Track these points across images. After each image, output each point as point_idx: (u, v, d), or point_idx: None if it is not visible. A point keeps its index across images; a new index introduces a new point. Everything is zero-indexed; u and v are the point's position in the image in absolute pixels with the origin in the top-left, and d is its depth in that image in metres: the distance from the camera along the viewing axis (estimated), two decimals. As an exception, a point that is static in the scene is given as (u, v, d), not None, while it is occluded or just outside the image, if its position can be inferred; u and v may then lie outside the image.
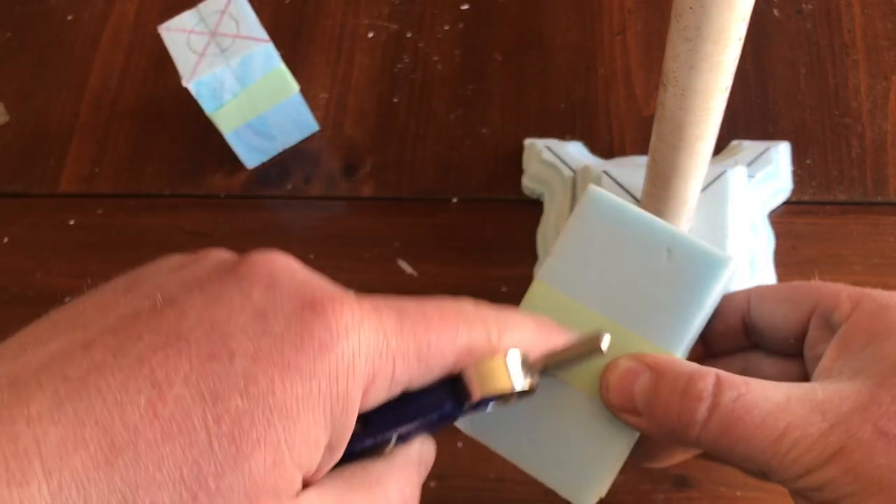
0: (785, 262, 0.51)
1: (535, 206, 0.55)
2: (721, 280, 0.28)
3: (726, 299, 0.29)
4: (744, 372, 0.27)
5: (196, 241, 0.57)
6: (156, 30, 0.53)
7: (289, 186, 0.58)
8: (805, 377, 0.29)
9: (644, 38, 0.60)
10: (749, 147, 0.53)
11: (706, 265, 0.27)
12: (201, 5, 0.53)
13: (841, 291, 0.28)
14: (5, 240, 0.58)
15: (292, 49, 0.62)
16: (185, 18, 0.53)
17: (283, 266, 0.23)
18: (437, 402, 0.24)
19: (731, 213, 0.47)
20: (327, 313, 0.22)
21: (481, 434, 0.29)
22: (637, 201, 0.48)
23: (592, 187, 0.28)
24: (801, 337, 0.29)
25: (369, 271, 0.55)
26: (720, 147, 0.54)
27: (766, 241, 0.51)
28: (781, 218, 0.53)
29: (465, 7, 0.63)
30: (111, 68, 0.64)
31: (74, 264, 0.57)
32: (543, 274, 0.29)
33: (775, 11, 0.59)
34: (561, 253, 0.29)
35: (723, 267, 0.28)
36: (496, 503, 0.46)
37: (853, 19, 0.58)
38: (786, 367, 0.30)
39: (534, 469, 0.29)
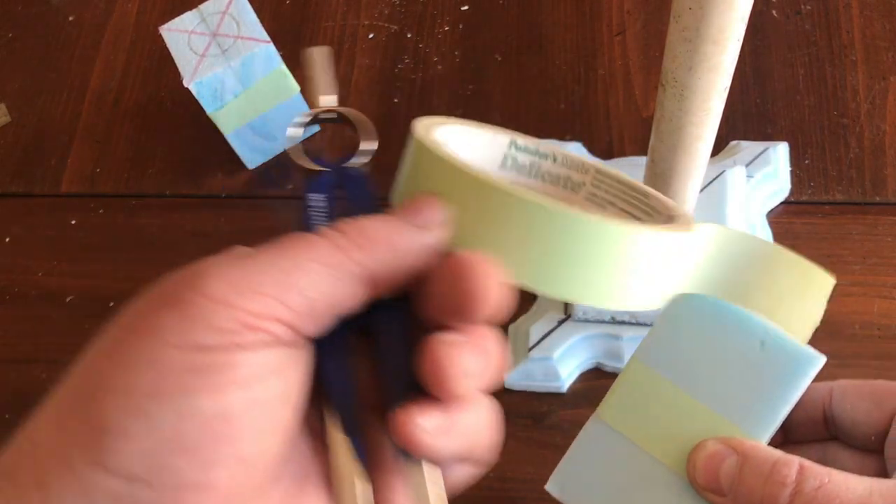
0: (783, 261, 0.51)
1: (534, 207, 0.55)
2: (810, 377, 0.29)
3: (809, 390, 0.30)
4: (821, 461, 0.28)
5: (197, 241, 0.57)
6: (157, 30, 0.53)
7: (290, 186, 0.58)
8: (883, 473, 0.30)
9: (643, 39, 0.60)
10: (748, 147, 0.53)
11: (797, 361, 0.28)
12: (202, 6, 0.53)
13: None
14: (7, 240, 0.59)
15: (293, 50, 0.63)
16: (186, 19, 0.53)
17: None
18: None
19: (730, 213, 0.47)
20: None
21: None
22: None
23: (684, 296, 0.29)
24: (883, 435, 0.30)
25: (370, 271, 0.55)
26: (719, 147, 0.54)
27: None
28: (780, 218, 0.53)
29: (465, 8, 0.63)
30: (112, 69, 0.64)
31: (76, 264, 0.57)
32: (640, 353, 0.30)
33: (774, 12, 0.60)
34: (658, 335, 0.30)
35: (813, 365, 0.29)
36: (497, 501, 0.47)
37: (852, 20, 0.59)
38: (864, 462, 0.31)
39: None
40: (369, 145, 0.33)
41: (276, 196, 0.58)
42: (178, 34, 0.53)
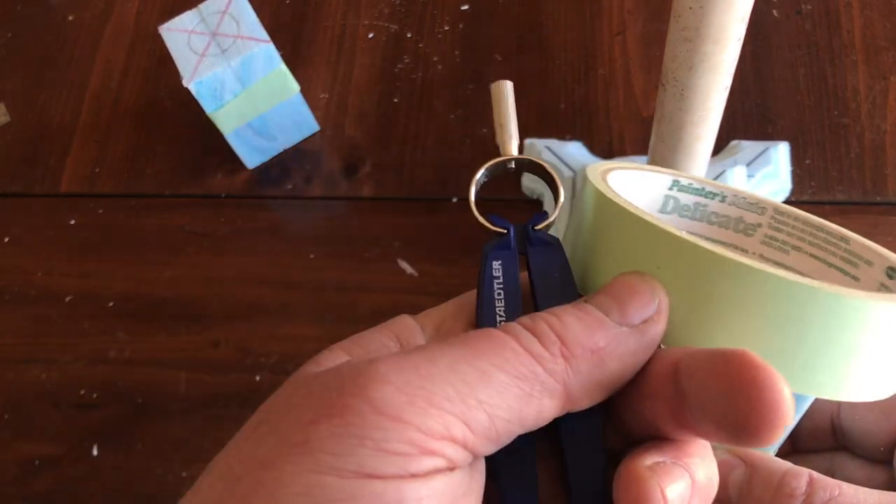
0: (784, 261, 0.51)
1: (534, 206, 0.55)
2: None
3: (818, 401, 0.29)
4: (829, 471, 0.27)
5: (196, 240, 0.57)
6: (156, 30, 0.53)
7: (289, 186, 0.58)
8: (892, 484, 0.30)
9: (644, 39, 0.60)
10: (748, 147, 0.53)
11: None
12: (202, 6, 0.53)
13: None
14: (6, 239, 0.59)
15: (293, 49, 0.63)
16: (186, 19, 0.53)
17: None
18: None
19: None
20: None
21: None
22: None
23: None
24: (892, 445, 0.30)
25: (369, 271, 0.55)
26: (719, 147, 0.54)
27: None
28: (781, 218, 0.53)
29: (465, 7, 0.63)
30: (112, 68, 0.64)
31: (75, 264, 0.57)
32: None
33: (775, 12, 0.60)
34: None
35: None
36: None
37: (852, 20, 0.59)
38: (872, 472, 0.31)
39: None
40: (555, 206, 0.26)
41: (276, 196, 0.58)
42: (178, 34, 0.52)
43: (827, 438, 0.32)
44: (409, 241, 0.55)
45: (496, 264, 0.24)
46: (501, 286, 0.24)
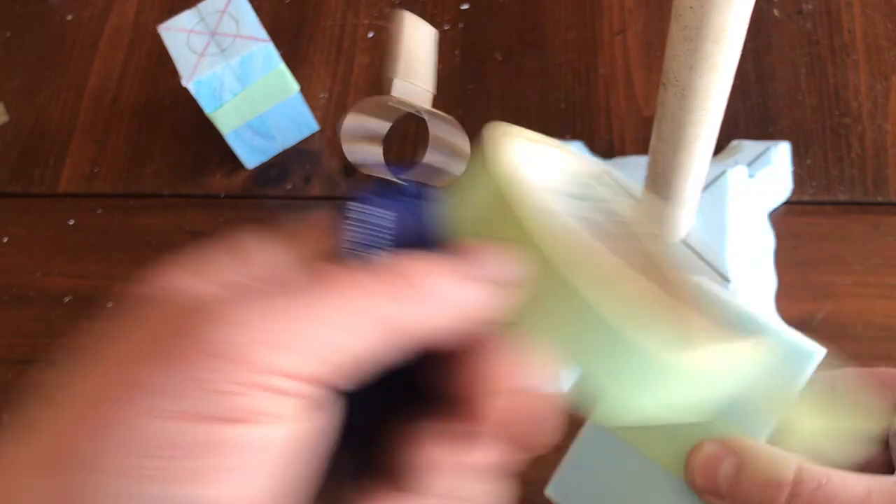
0: (785, 262, 0.51)
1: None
2: (809, 371, 0.28)
3: (812, 381, 0.29)
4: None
5: (195, 240, 0.57)
6: (155, 29, 0.53)
7: (289, 186, 0.58)
8: (888, 464, 0.29)
9: (644, 38, 0.60)
10: (749, 147, 0.53)
11: (795, 357, 0.28)
12: (201, 5, 0.53)
13: None
14: (5, 240, 0.58)
15: (292, 49, 0.62)
16: (185, 18, 0.53)
17: None
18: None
19: (732, 213, 0.47)
20: None
21: None
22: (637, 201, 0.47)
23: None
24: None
25: (369, 271, 0.54)
26: (720, 147, 0.54)
27: (766, 241, 0.51)
28: (782, 218, 0.53)
29: (466, 7, 0.63)
30: (111, 68, 0.64)
31: (74, 264, 0.57)
32: None
33: (775, 11, 0.59)
34: None
35: (811, 360, 0.28)
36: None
37: (853, 19, 0.58)
38: (869, 453, 0.31)
39: None
40: (449, 159, 0.24)
41: (275, 196, 0.58)
42: (177, 33, 0.52)
43: None
44: (408, 241, 0.55)
45: (364, 209, 0.24)
46: (363, 234, 0.23)
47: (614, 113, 0.57)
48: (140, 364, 0.18)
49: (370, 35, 0.62)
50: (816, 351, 0.28)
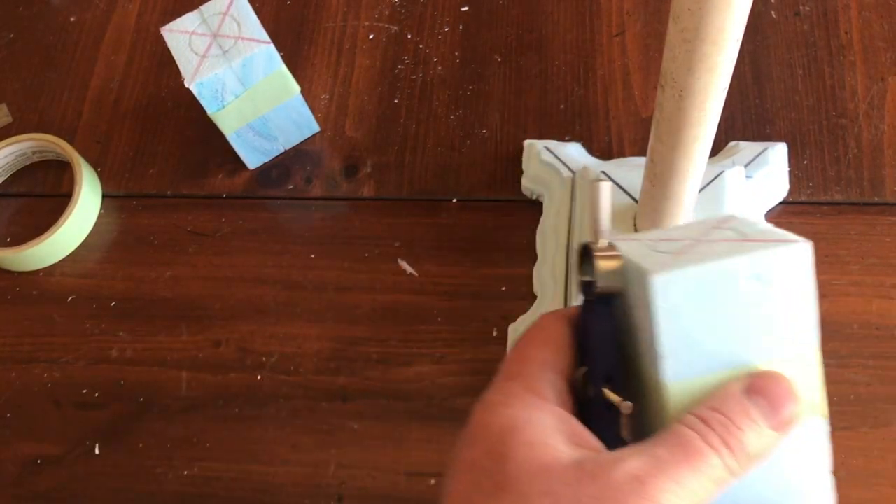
0: (782, 261, 0.51)
1: (534, 207, 0.55)
2: (810, 262, 0.26)
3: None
4: None
5: (198, 240, 0.57)
6: (158, 31, 0.54)
7: (290, 187, 0.58)
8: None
9: (643, 40, 0.60)
10: (746, 148, 0.53)
11: (792, 254, 0.26)
12: (203, 7, 0.53)
13: None
14: (8, 240, 0.59)
15: (293, 51, 0.63)
16: (187, 20, 0.53)
17: None
18: None
19: (728, 213, 0.47)
20: None
21: None
22: (635, 202, 0.48)
23: (654, 276, 0.25)
24: None
25: (369, 271, 0.55)
26: (718, 148, 0.55)
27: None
28: (778, 218, 0.53)
29: (465, 9, 0.63)
30: (113, 69, 0.64)
31: (77, 264, 0.58)
32: (665, 371, 0.26)
33: (773, 13, 0.60)
34: (664, 337, 0.26)
35: (805, 251, 0.26)
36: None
37: (850, 21, 0.59)
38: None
39: None
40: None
41: (277, 196, 0.58)
42: (179, 35, 0.53)
43: None
44: (409, 241, 0.56)
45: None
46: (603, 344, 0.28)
47: (613, 114, 0.58)
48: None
49: (371, 37, 0.63)
50: (803, 242, 0.26)
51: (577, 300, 0.29)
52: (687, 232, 0.28)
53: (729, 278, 0.25)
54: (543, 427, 0.26)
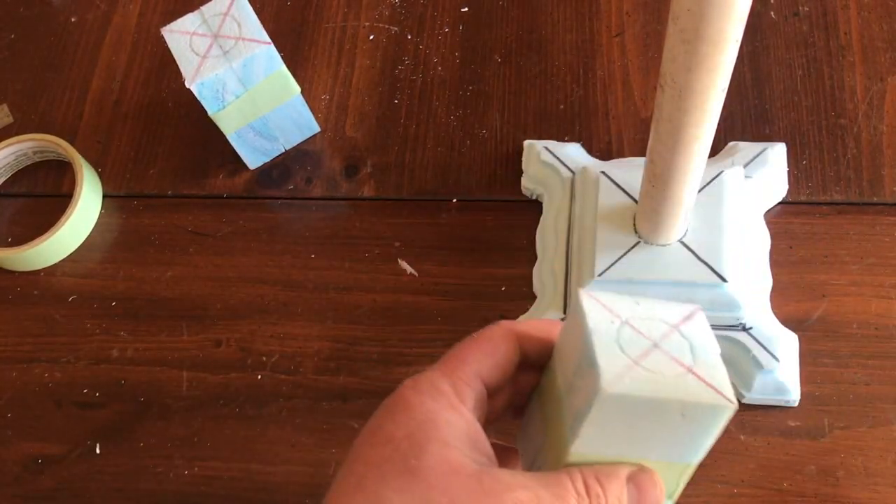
0: (781, 262, 0.51)
1: (534, 207, 0.55)
2: (726, 420, 0.30)
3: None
4: None
5: (198, 240, 0.57)
6: (158, 31, 0.54)
7: (290, 187, 0.59)
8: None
9: (642, 40, 0.60)
10: (746, 148, 0.53)
11: (713, 412, 0.29)
12: (204, 7, 0.53)
13: None
14: (9, 240, 0.59)
15: (294, 51, 0.63)
16: (188, 20, 0.53)
17: None
18: None
19: (728, 213, 0.47)
20: None
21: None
22: (635, 202, 0.48)
23: (604, 390, 0.28)
24: None
25: (369, 271, 0.55)
26: (717, 148, 0.55)
27: (762, 241, 0.51)
28: (778, 218, 0.53)
29: (465, 9, 0.63)
30: (114, 70, 0.64)
31: (78, 264, 0.58)
32: (578, 448, 0.30)
33: (772, 13, 0.60)
34: (587, 436, 0.30)
35: (727, 411, 0.29)
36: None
37: (850, 21, 0.59)
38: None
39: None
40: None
41: (277, 196, 0.58)
42: (180, 35, 0.53)
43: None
44: (409, 241, 0.56)
45: None
46: None
47: (612, 114, 0.58)
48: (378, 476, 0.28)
49: (371, 37, 0.63)
50: (729, 405, 0.29)
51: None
52: (651, 326, 0.31)
53: (661, 409, 0.29)
54: (458, 431, 0.29)
